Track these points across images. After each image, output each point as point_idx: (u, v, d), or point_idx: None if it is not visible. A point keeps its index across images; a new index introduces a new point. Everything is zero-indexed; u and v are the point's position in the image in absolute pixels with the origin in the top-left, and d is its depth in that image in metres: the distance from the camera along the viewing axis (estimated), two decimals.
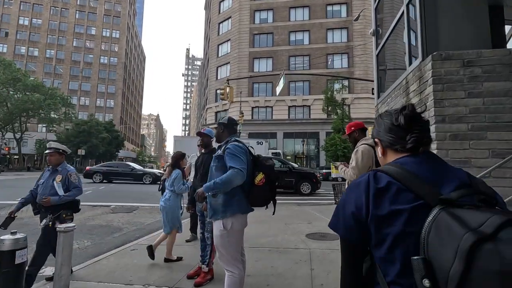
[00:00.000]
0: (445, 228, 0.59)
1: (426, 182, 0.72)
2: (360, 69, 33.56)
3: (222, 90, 12.61)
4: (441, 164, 0.79)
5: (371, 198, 0.74)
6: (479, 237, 0.52)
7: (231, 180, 2.02)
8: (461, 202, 0.63)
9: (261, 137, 35.31)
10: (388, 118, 0.87)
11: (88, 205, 8.45)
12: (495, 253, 0.50)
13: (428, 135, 0.82)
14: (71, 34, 62.87)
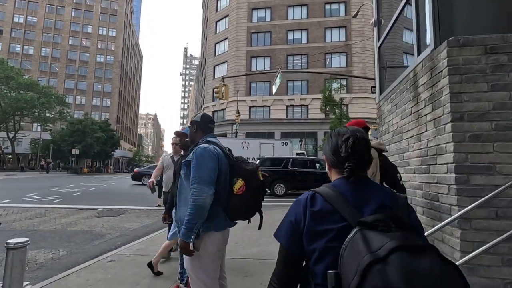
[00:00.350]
0: (355, 248, 0.71)
1: (352, 204, 0.85)
2: (358, 69, 33.25)
3: (217, 88, 12.18)
4: (369, 188, 0.91)
5: (307, 217, 0.87)
6: (373, 259, 0.64)
7: (199, 206, 1.64)
8: (376, 224, 0.74)
9: (258, 137, 34.92)
10: (335, 141, 0.98)
11: (74, 208, 8.05)
12: (382, 272, 0.63)
13: (364, 164, 0.93)
14: (67, 32, 62.17)
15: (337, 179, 0.96)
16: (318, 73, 22.78)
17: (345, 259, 0.72)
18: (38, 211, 7.34)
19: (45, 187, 13.63)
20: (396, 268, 0.62)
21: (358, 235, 0.73)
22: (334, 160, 0.99)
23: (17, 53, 59.50)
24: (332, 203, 0.86)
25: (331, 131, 1.07)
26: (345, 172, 0.91)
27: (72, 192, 11.51)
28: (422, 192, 2.42)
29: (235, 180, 1.79)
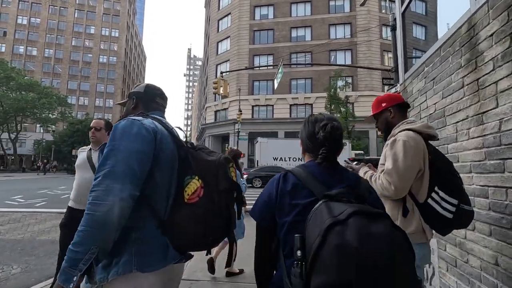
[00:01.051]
0: (319, 215, 0.80)
1: (320, 183, 0.95)
2: (364, 65, 32.26)
3: (215, 84, 11.43)
4: (337, 170, 1.02)
5: (279, 194, 0.97)
6: (334, 221, 0.74)
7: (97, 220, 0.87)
8: (340, 197, 0.84)
9: (261, 136, 34.18)
10: (312, 127, 1.07)
11: (55, 212, 7.34)
12: (341, 232, 0.72)
13: (336, 150, 1.03)
14: (70, 33, 62.09)
15: (309, 161, 1.07)
16: (324, 64, 21.91)
17: (310, 226, 0.80)
18: (14, 216, 6.64)
19: (34, 189, 13.00)
20: (353, 230, 0.72)
21: (323, 206, 0.82)
22: (309, 145, 1.08)
23: (20, 54, 59.55)
24: (301, 180, 0.97)
25: (308, 117, 1.14)
26: (319, 158, 1.00)
27: (61, 194, 10.84)
28: (488, 201, 1.61)
29: (187, 179, 1.07)
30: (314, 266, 0.72)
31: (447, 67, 2.06)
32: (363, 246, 0.69)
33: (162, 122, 1.18)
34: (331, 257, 0.70)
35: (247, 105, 33.79)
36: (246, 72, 35.00)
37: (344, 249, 0.69)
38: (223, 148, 39.93)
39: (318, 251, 0.72)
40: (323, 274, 0.70)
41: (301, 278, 0.74)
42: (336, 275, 0.68)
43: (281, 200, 0.96)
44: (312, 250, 0.73)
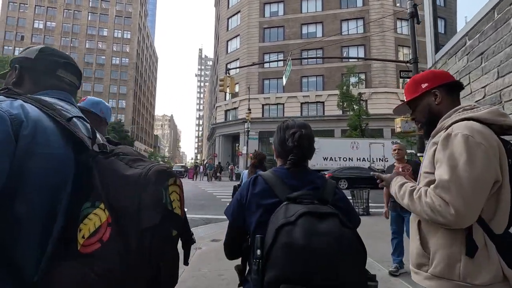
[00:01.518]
0: (277, 216, 0.87)
1: (287, 186, 1.00)
2: (378, 62, 31.17)
3: (221, 82, 10.99)
4: (304, 174, 1.07)
5: (248, 196, 1.03)
6: (284, 222, 0.82)
7: None
8: (301, 199, 0.90)
9: (272, 136, 33.43)
10: (283, 134, 1.12)
11: None
12: (290, 232, 0.79)
13: (305, 156, 1.09)
14: (84, 36, 63.41)
15: (280, 166, 1.14)
16: (336, 57, 21.19)
17: (269, 226, 0.87)
18: None
19: None
20: (301, 229, 0.79)
21: (283, 208, 0.89)
22: (280, 151, 1.14)
23: None
24: (269, 184, 1.02)
25: (280, 123, 1.18)
26: (287, 163, 1.06)
27: None
28: None
29: (86, 209, 0.64)
30: (267, 263, 0.79)
31: (506, 34, 1.48)
32: (309, 244, 0.76)
33: (50, 107, 0.68)
34: (280, 254, 0.78)
35: (257, 104, 33.30)
36: (256, 70, 34.53)
37: (291, 247, 0.77)
38: (234, 148, 39.65)
39: (270, 249, 0.80)
40: (274, 269, 0.77)
41: (257, 274, 0.80)
42: (284, 269, 0.76)
43: (250, 201, 1.02)
44: (265, 249, 0.81)
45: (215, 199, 10.93)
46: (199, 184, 20.34)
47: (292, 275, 0.76)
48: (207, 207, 8.95)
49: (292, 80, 33.03)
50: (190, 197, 11.38)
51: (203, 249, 4.24)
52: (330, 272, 0.77)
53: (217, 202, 10.11)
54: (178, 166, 38.70)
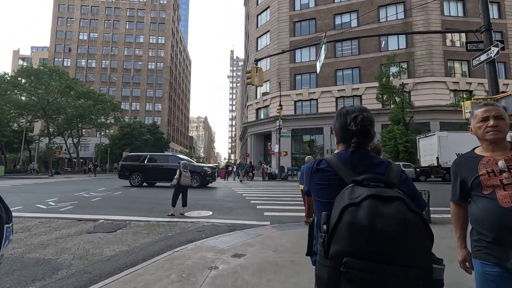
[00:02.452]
0: (343, 197, 0.93)
1: (351, 169, 1.07)
2: (421, 48, 28.38)
3: (248, 74, 10.14)
4: (368, 158, 1.11)
5: (312, 174, 1.14)
6: (349, 203, 0.88)
7: None
8: (367, 182, 0.96)
9: (305, 133, 32.19)
10: (344, 119, 1.16)
11: (74, 219, 6.72)
12: (354, 212, 0.85)
13: (367, 140, 1.13)
14: (122, 44, 66.88)
15: (342, 150, 1.17)
16: (370, 35, 19.51)
17: (335, 206, 0.94)
18: (28, 224, 6.13)
19: (74, 190, 13.16)
20: (365, 210, 0.84)
21: (349, 189, 0.94)
22: (342, 136, 1.18)
23: (82, 67, 65.89)
24: (333, 167, 1.09)
25: (339, 109, 1.22)
26: (352, 146, 1.10)
27: (93, 197, 10.57)
28: None
29: None
30: (332, 238, 0.87)
31: None
32: (372, 224, 0.82)
33: None
34: (344, 231, 0.85)
35: (289, 101, 32.09)
36: (287, 66, 33.33)
37: (355, 226, 0.83)
38: (266, 147, 38.79)
39: (335, 226, 0.87)
40: (338, 244, 0.85)
41: (323, 246, 0.89)
42: (348, 246, 0.83)
43: (312, 180, 1.13)
44: (331, 225, 0.89)
45: (244, 200, 10.12)
46: (230, 184, 19.77)
47: (355, 252, 0.82)
48: (234, 210, 8.16)
49: (326, 73, 31.29)
50: (218, 198, 10.70)
51: (219, 269, 3.38)
52: (392, 253, 0.81)
53: (247, 204, 9.28)
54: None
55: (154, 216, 7.07)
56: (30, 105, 34.78)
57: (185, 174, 7.45)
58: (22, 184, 17.30)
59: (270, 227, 5.75)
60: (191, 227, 6.03)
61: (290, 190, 14.04)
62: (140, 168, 15.55)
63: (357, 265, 0.81)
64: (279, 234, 5.13)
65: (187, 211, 7.62)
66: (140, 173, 15.49)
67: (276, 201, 9.91)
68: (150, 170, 15.49)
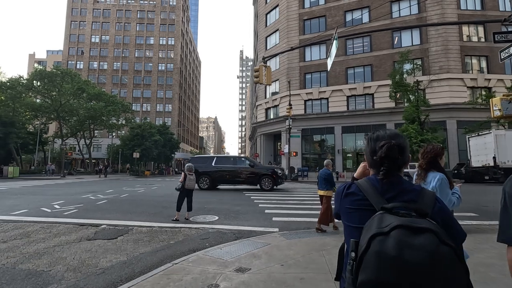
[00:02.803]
0: (372, 225, 0.91)
1: (381, 195, 1.05)
2: (437, 44, 27.34)
3: (256, 73, 9.79)
4: (399, 184, 1.08)
5: (342, 198, 1.13)
6: (377, 232, 0.86)
7: None
8: (397, 210, 0.93)
9: (315, 133, 31.58)
10: (373, 145, 1.15)
11: (76, 224, 6.52)
12: (382, 242, 0.84)
13: (397, 167, 1.09)
14: (133, 46, 67.67)
15: (372, 175, 1.16)
16: (381, 28, 19.01)
17: (363, 233, 0.92)
18: (30, 229, 5.95)
19: (81, 193, 13.11)
20: (393, 240, 0.83)
21: (378, 216, 0.93)
22: (371, 162, 1.17)
23: (94, 69, 67.04)
24: (363, 191, 1.08)
25: (370, 134, 1.21)
26: (380, 174, 1.09)
27: (99, 200, 10.43)
28: None
29: None
30: (360, 266, 0.86)
31: None
32: (400, 255, 0.80)
33: None
34: (372, 260, 0.83)
35: (299, 100, 31.56)
36: (297, 65, 32.81)
37: (382, 256, 0.82)
38: (275, 147, 38.35)
39: (363, 254, 0.86)
40: (366, 273, 0.84)
41: (351, 274, 0.89)
42: (375, 276, 0.82)
43: (342, 203, 1.13)
44: (359, 253, 0.88)
45: (252, 204, 9.76)
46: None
47: (383, 282, 0.80)
48: (242, 214, 7.81)
49: (337, 72, 30.61)
50: (225, 201, 10.38)
51: (220, 287, 3.03)
52: (421, 286, 0.78)
53: (255, 208, 8.92)
54: None
55: (159, 221, 6.81)
56: (44, 107, 35.48)
57: (190, 177, 7.16)
58: (33, 185, 17.49)
59: (278, 235, 5.37)
60: (195, 234, 5.72)
61: (301, 192, 13.60)
62: (209, 171, 15.01)
63: None
64: (288, 244, 4.75)
65: (193, 215, 7.33)
66: (209, 176, 14.96)
67: (285, 204, 9.52)
68: (220, 173, 14.95)
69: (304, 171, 26.74)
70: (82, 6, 68.62)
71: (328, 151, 30.40)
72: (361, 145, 29.05)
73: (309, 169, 28.55)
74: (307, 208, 8.67)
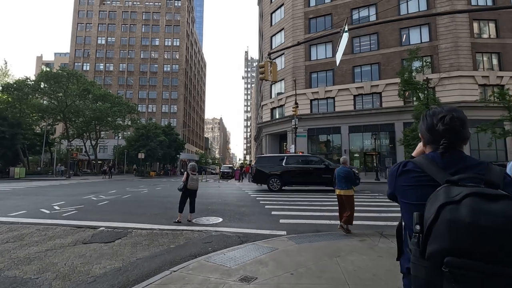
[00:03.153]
0: (437, 196, 0.88)
1: (442, 169, 1.00)
2: (447, 41, 26.63)
3: (261, 69, 9.42)
4: (461, 158, 1.04)
5: (397, 177, 1.10)
6: (447, 201, 0.83)
7: None
8: (463, 183, 0.89)
9: (322, 133, 31.05)
10: (430, 120, 1.11)
11: (73, 226, 6.23)
12: (454, 210, 0.81)
13: (458, 140, 1.06)
14: (139, 47, 67.95)
15: (431, 152, 1.11)
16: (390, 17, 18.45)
17: (428, 206, 0.89)
18: (25, 231, 5.68)
19: (83, 193, 12.88)
20: (467, 208, 0.79)
21: (444, 189, 0.89)
22: (429, 138, 1.12)
23: (100, 71, 67.50)
24: (421, 167, 1.04)
25: (426, 111, 1.17)
26: (440, 148, 1.04)
27: (101, 201, 10.16)
28: None
29: None
30: (428, 237, 0.84)
31: None
32: (476, 221, 0.77)
33: None
34: (443, 230, 0.81)
35: (305, 100, 31.08)
36: (303, 64, 32.36)
37: (456, 223, 0.79)
38: (281, 147, 37.88)
39: (431, 225, 0.84)
40: (436, 243, 0.81)
41: (418, 246, 0.87)
42: (447, 244, 0.79)
43: (399, 183, 1.08)
44: (426, 225, 0.85)
45: (258, 205, 9.38)
46: (244, 186, 19.09)
47: (457, 250, 0.78)
48: (247, 216, 7.44)
49: (343, 70, 30.06)
50: (229, 202, 10.03)
51: None
52: (499, 251, 0.76)
53: (261, 209, 8.55)
54: (226, 167, 38.41)
55: (160, 223, 6.48)
56: (51, 108, 35.63)
57: (192, 177, 6.82)
58: (37, 186, 17.38)
59: (287, 239, 4.99)
60: (197, 237, 5.37)
61: (308, 193, 13.18)
62: (279, 172, 14.17)
63: (462, 264, 0.77)
64: (298, 249, 4.36)
65: (196, 217, 6.99)
66: (280, 176, 14.14)
67: (292, 205, 9.12)
68: (291, 173, 14.07)
69: None
70: (88, 9, 69.22)
71: (334, 151, 29.87)
72: (369, 145, 28.49)
73: None
74: (316, 210, 8.26)
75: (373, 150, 27.24)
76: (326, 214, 7.58)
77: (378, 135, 28.22)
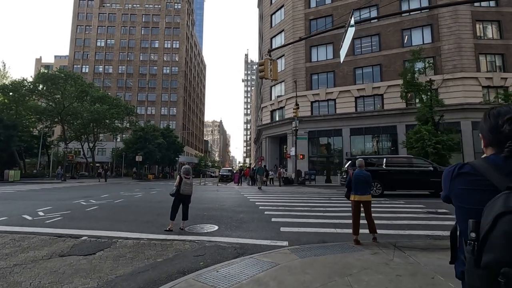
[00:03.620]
0: (496, 204, 0.84)
1: (504, 174, 0.93)
2: (449, 42, 26.20)
3: (261, 67, 8.91)
4: None
5: (452, 179, 1.05)
6: (505, 211, 0.80)
7: None
8: None
9: (323, 135, 30.52)
10: (494, 121, 1.03)
11: (53, 234, 5.66)
12: (510, 221, 0.78)
13: None
14: (138, 49, 67.68)
15: (492, 154, 1.03)
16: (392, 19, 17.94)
17: (485, 213, 0.86)
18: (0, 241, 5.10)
19: (74, 197, 12.31)
20: None
21: (504, 196, 0.84)
22: (492, 139, 1.05)
23: (100, 73, 67.15)
24: (479, 171, 0.98)
25: (489, 110, 1.09)
26: (505, 151, 0.97)
27: (90, 206, 9.59)
28: None
29: None
30: (483, 246, 0.82)
31: None
32: None
33: None
34: (500, 240, 0.79)
35: (306, 102, 30.59)
36: (303, 65, 31.92)
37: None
38: (281, 150, 37.34)
39: (487, 234, 0.82)
40: (493, 253, 0.80)
41: (472, 254, 0.85)
42: (504, 256, 0.78)
43: (455, 186, 1.03)
44: (482, 233, 0.83)
45: (257, 211, 8.82)
46: (243, 189, 18.52)
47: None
48: (245, 223, 6.88)
49: (344, 72, 29.61)
50: (227, 208, 9.45)
51: None
52: None
53: (260, 215, 7.98)
54: (225, 170, 37.83)
55: (149, 232, 5.91)
56: (48, 110, 35.15)
57: (186, 181, 6.26)
58: (29, 189, 16.80)
59: (289, 251, 4.42)
60: (189, 248, 4.80)
61: (310, 198, 12.61)
62: (380, 175, 12.70)
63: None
64: (302, 264, 3.80)
65: (189, 224, 6.43)
66: (380, 180, 12.63)
67: (294, 212, 8.55)
68: (393, 176, 12.72)
69: (311, 175, 25.69)
70: (88, 11, 69.04)
71: (335, 154, 29.33)
72: (370, 148, 27.96)
73: (316, 173, 27.49)
74: (319, 216, 7.70)
75: (375, 153, 26.68)
76: (331, 221, 7.03)
77: (379, 137, 27.72)
